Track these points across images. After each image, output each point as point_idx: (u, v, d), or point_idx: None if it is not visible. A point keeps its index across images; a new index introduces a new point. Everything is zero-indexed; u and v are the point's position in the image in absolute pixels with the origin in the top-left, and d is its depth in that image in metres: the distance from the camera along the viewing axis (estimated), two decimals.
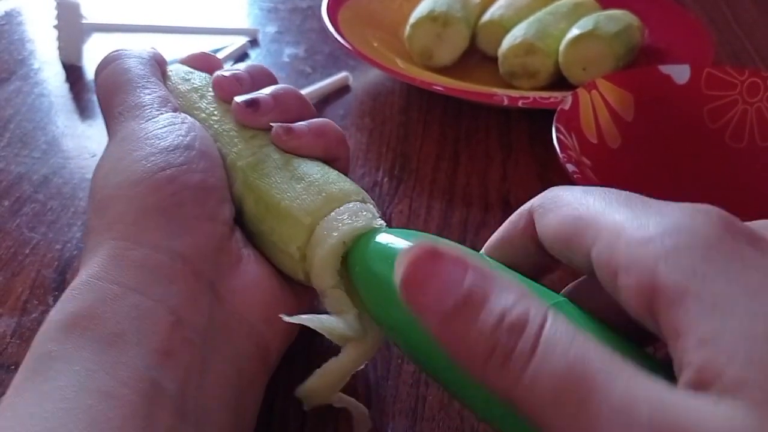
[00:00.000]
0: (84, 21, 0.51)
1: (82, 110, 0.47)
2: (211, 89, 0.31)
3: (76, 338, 0.21)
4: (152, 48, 0.33)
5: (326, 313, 0.25)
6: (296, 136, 0.28)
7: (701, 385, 0.14)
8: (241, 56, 0.54)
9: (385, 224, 0.25)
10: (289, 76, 0.52)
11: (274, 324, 0.24)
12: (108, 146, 0.27)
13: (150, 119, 0.27)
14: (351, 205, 0.26)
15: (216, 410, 0.22)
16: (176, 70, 0.33)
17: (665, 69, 0.42)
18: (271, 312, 0.25)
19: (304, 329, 0.25)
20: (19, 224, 0.37)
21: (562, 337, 0.15)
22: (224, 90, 0.30)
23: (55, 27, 0.51)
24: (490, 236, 0.23)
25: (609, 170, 0.37)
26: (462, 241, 0.36)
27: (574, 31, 0.46)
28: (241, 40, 0.55)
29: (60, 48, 0.51)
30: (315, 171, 0.27)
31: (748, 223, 0.17)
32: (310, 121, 0.29)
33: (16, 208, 0.38)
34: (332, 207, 0.25)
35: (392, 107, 0.48)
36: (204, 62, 0.34)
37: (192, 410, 0.21)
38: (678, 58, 0.48)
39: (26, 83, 0.49)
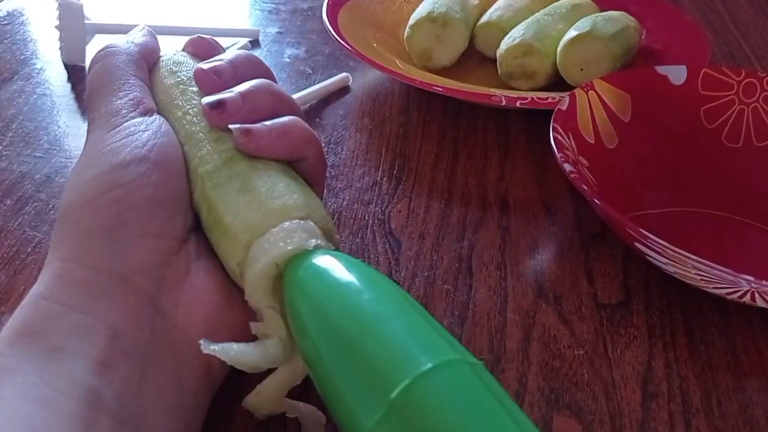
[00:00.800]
0: (87, 22, 0.51)
1: (84, 110, 0.47)
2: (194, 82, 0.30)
3: (21, 352, 0.22)
4: (145, 33, 0.33)
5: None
6: (255, 138, 0.27)
7: None
8: None
9: (323, 243, 0.25)
10: (290, 76, 0.52)
11: (215, 338, 0.24)
12: (80, 155, 0.28)
13: (113, 128, 0.27)
14: (287, 224, 0.25)
15: (155, 417, 0.23)
16: (167, 60, 0.32)
17: (662, 70, 0.42)
18: (212, 326, 0.25)
19: (252, 341, 0.25)
20: (21, 223, 0.37)
21: None
22: (203, 84, 0.29)
23: (57, 27, 0.51)
24: (487, 235, 0.23)
25: (606, 170, 0.38)
26: (460, 240, 0.37)
27: (572, 33, 0.47)
28: (243, 41, 0.55)
29: (62, 48, 0.52)
30: (263, 182, 0.26)
31: None
32: (275, 120, 0.28)
33: (19, 207, 0.38)
34: (270, 225, 0.25)
35: (392, 108, 0.49)
36: (201, 47, 0.33)
37: (132, 416, 0.22)
38: (675, 59, 0.48)
39: (29, 83, 0.50)
